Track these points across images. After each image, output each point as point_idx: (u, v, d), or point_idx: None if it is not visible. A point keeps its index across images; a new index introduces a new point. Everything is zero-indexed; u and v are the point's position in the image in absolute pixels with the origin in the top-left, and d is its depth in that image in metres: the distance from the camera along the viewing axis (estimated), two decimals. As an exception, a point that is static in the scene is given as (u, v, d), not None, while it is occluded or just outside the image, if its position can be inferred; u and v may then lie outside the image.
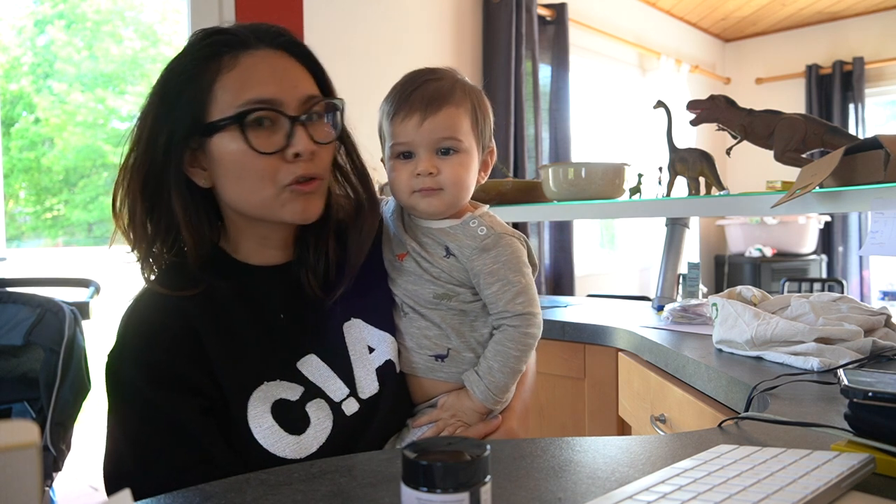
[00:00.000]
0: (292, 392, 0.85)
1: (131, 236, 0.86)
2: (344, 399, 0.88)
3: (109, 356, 0.83)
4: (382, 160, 0.98)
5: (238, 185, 0.84)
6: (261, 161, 0.82)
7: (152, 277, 0.88)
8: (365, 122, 0.99)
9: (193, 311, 0.84)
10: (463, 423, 0.92)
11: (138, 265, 0.88)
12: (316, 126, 0.87)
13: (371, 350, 0.93)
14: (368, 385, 0.90)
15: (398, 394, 0.93)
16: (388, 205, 1.03)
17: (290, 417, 0.83)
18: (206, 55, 0.83)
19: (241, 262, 0.91)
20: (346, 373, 0.90)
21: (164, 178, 0.83)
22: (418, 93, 0.90)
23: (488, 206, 1.00)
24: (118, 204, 0.86)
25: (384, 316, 0.96)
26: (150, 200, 0.85)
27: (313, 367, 0.88)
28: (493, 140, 1.00)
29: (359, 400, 0.89)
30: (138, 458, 0.79)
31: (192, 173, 0.86)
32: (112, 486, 0.78)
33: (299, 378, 0.87)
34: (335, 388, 0.88)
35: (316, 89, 0.88)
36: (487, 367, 0.91)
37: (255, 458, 0.80)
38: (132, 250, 0.87)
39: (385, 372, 0.92)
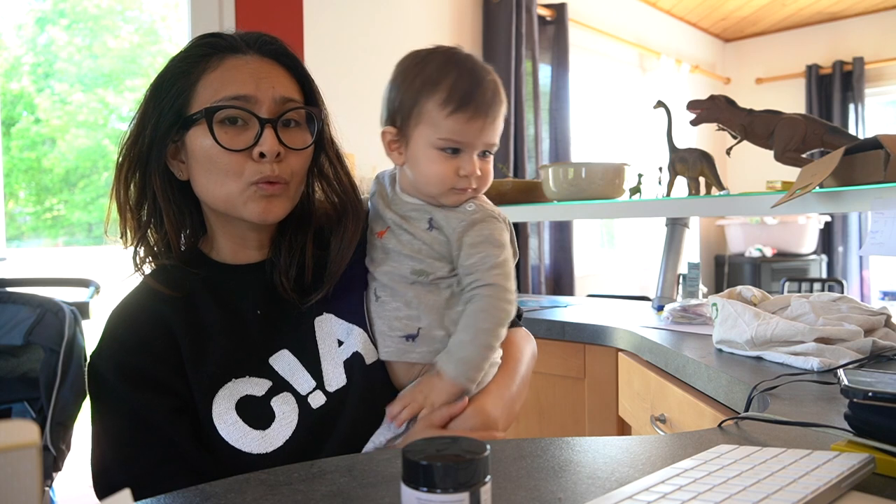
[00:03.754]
0: (259, 388, 0.87)
1: (124, 222, 0.91)
2: (310, 392, 0.89)
3: (91, 356, 0.87)
4: (386, 132, 0.95)
5: (206, 178, 0.88)
6: (227, 157, 0.85)
7: (145, 271, 0.92)
8: (365, 121, 0.99)
9: (170, 313, 0.88)
10: (430, 402, 0.89)
11: (130, 255, 0.92)
12: (291, 132, 0.89)
13: (340, 343, 0.93)
14: (336, 378, 0.91)
15: (368, 386, 0.93)
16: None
17: (255, 413, 0.86)
18: (197, 55, 0.88)
19: (217, 261, 0.94)
20: (313, 366, 0.91)
21: (149, 166, 0.89)
22: (482, 94, 0.91)
23: None
24: (115, 187, 0.91)
25: (355, 310, 0.96)
26: (138, 187, 0.90)
27: (284, 361, 0.90)
28: None
29: (325, 393, 0.90)
30: (116, 450, 0.83)
31: (172, 165, 0.90)
32: (97, 480, 0.83)
33: (269, 373, 0.89)
34: (302, 381, 0.89)
35: (299, 97, 0.91)
36: (458, 341, 0.90)
37: (223, 454, 0.83)
38: (123, 235, 0.91)
39: (353, 364, 0.92)
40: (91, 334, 1.76)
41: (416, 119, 0.92)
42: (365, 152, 2.26)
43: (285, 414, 0.86)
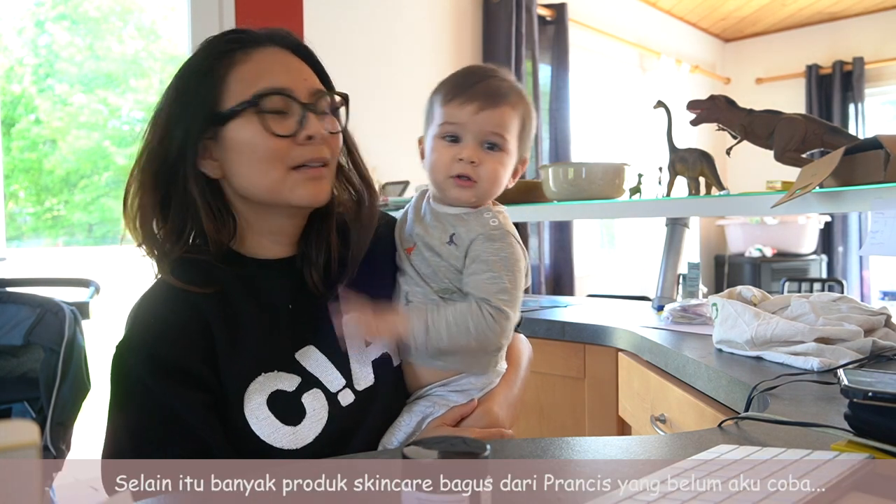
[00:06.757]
0: (289, 383, 0.87)
1: (141, 233, 0.88)
2: (340, 390, 0.90)
3: (117, 347, 0.84)
4: (420, 140, 1.01)
5: (249, 168, 0.86)
6: (274, 143, 0.85)
7: (166, 271, 0.88)
8: (365, 120, 1.00)
9: (206, 306, 0.86)
10: (375, 330, 0.89)
11: (152, 261, 0.89)
12: (325, 119, 0.90)
13: (368, 343, 0.94)
14: (364, 377, 0.92)
15: (394, 387, 0.95)
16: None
17: (286, 408, 0.85)
18: (219, 51, 0.88)
19: (248, 257, 0.93)
20: (342, 364, 0.91)
21: (180, 171, 0.86)
22: (481, 85, 0.94)
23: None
24: (129, 200, 0.89)
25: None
26: (162, 195, 0.88)
27: (312, 358, 0.90)
28: (528, 153, 1.03)
29: (354, 391, 0.91)
30: (136, 448, 0.80)
31: (202, 165, 0.88)
32: (108, 475, 0.78)
33: (297, 369, 0.88)
34: (332, 378, 0.90)
35: (321, 86, 0.92)
36: (440, 319, 0.89)
37: (252, 449, 0.82)
38: (141, 245, 0.89)
39: (381, 364, 0.94)
40: (91, 334, 1.76)
41: (429, 120, 0.98)
42: (366, 153, 2.26)
43: (316, 410, 0.87)
